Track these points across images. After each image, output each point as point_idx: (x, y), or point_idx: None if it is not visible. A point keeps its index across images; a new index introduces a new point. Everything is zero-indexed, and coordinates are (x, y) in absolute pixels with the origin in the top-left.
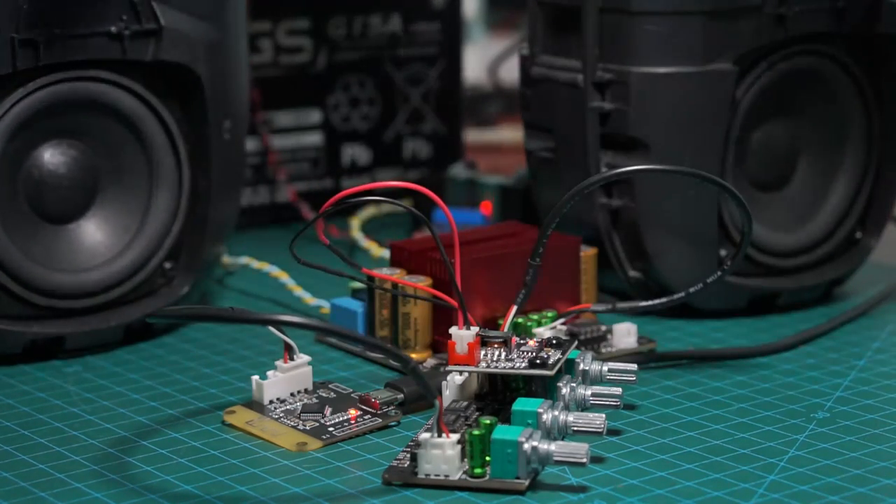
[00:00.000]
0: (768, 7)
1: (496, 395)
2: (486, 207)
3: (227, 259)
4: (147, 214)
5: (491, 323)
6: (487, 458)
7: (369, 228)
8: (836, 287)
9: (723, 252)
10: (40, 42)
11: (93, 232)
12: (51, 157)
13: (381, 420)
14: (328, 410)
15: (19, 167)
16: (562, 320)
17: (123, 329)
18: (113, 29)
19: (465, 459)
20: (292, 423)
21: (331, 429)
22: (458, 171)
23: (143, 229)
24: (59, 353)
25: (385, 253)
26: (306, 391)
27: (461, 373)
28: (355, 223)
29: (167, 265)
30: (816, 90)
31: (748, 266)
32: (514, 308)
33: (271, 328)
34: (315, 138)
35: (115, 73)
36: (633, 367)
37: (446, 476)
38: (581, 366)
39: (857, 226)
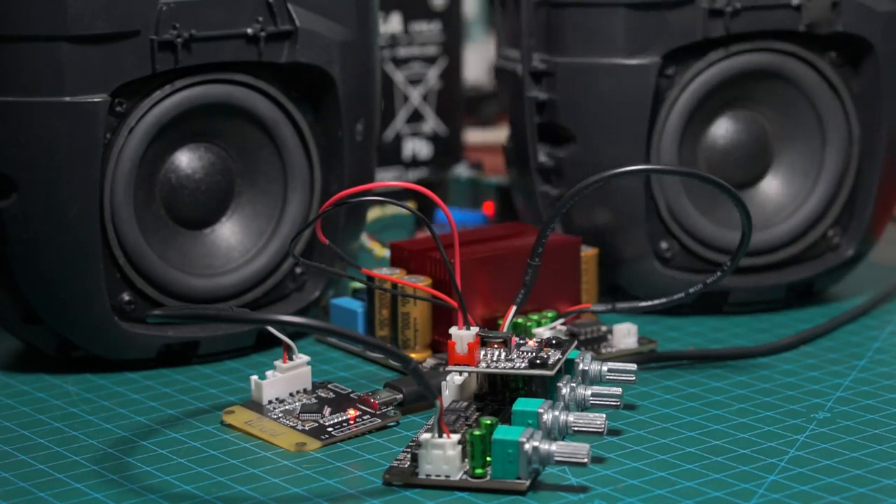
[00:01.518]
0: (703, 1)
1: (496, 395)
2: (489, 208)
3: None
4: (281, 218)
5: (491, 323)
6: (488, 459)
7: (374, 228)
8: (809, 289)
9: (664, 245)
10: (178, 44)
11: (228, 236)
12: (188, 161)
13: (379, 420)
14: (327, 411)
15: (156, 171)
16: (561, 320)
17: (255, 334)
18: (249, 31)
19: (466, 460)
20: (291, 424)
21: (330, 429)
22: (461, 171)
23: (276, 233)
24: (193, 357)
25: (388, 253)
26: (305, 391)
27: (460, 373)
28: None
29: (298, 269)
30: (785, 89)
31: (695, 262)
32: (514, 308)
33: (270, 328)
34: None
35: (250, 75)
36: (633, 367)
37: (447, 476)
38: (581, 366)
39: (833, 229)
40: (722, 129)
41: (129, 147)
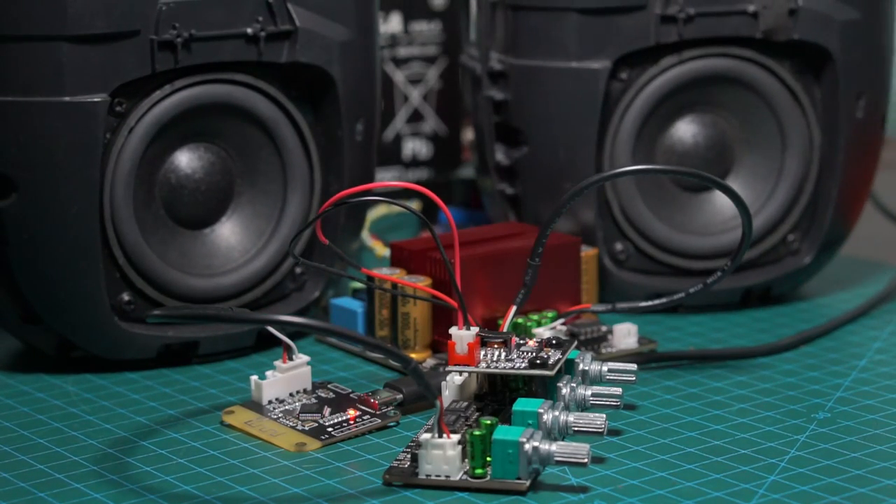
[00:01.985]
0: (655, 7)
1: (496, 395)
2: None
3: None
4: (281, 218)
5: (491, 323)
6: (488, 459)
7: (378, 228)
8: (767, 293)
9: (619, 247)
10: (178, 44)
11: (227, 236)
12: (188, 161)
13: (379, 420)
14: (327, 411)
15: (156, 172)
16: (562, 320)
17: (256, 334)
18: (249, 31)
19: (466, 460)
20: (291, 424)
21: (329, 429)
22: (468, 171)
23: (276, 233)
24: (193, 357)
25: (388, 252)
26: (305, 391)
27: (460, 373)
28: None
29: (298, 269)
30: (744, 94)
31: (650, 264)
32: (514, 308)
33: (270, 328)
34: None
35: (250, 75)
36: (633, 367)
37: (447, 476)
38: (580, 366)
39: (793, 234)
40: (680, 132)
41: (129, 147)
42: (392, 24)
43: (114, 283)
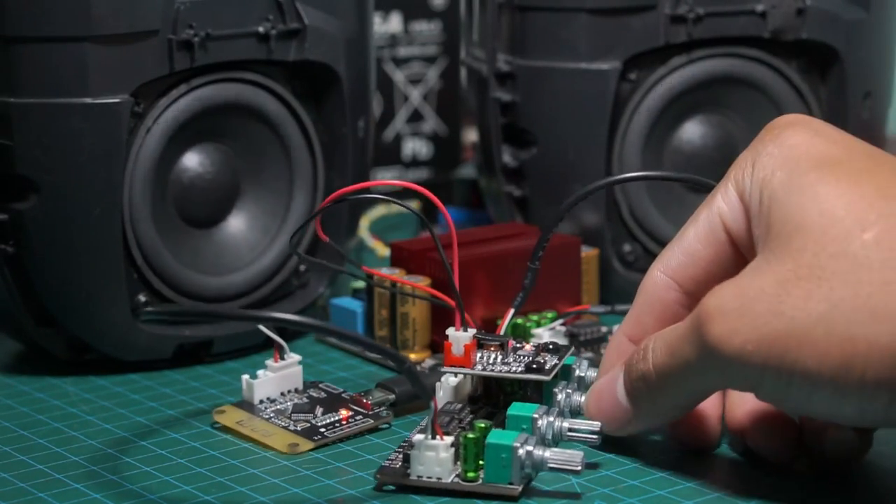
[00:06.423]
0: (665, 7)
1: (490, 398)
2: None
3: None
4: (287, 216)
5: (491, 324)
6: (481, 462)
7: (378, 228)
8: None
9: (627, 248)
10: (195, 43)
11: (236, 234)
12: (199, 160)
13: (372, 421)
14: (319, 411)
15: (168, 171)
16: (561, 321)
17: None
18: (260, 29)
19: (459, 462)
20: (283, 424)
21: (322, 430)
22: (467, 171)
23: (283, 230)
24: (207, 357)
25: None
26: (296, 391)
27: (455, 374)
28: (363, 222)
29: (302, 267)
30: (751, 94)
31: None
32: (511, 311)
33: (261, 326)
34: None
35: (259, 74)
36: None
37: (439, 478)
38: (577, 372)
39: None
40: (688, 133)
41: (147, 147)
42: (392, 24)
43: (131, 284)
